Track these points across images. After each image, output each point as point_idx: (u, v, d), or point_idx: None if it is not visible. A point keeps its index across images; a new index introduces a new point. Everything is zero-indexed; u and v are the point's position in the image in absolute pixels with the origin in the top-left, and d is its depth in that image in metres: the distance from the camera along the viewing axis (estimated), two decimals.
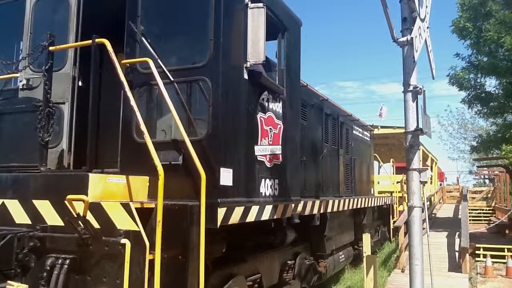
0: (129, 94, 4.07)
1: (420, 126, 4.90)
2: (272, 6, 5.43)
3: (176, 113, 4.19)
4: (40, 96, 4.33)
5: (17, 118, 4.76)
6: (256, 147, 4.97)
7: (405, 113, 5.05)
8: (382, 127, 17.35)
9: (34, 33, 5.07)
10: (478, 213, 24.11)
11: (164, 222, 3.70)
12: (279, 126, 5.58)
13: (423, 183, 4.97)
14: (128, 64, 4.63)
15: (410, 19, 5.17)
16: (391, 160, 19.11)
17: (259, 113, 5.11)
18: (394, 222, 14.53)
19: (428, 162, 25.45)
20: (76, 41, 4.87)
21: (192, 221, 3.99)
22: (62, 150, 4.67)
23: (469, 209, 19.72)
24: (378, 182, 17.53)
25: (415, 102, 5.04)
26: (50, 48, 4.23)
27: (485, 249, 13.72)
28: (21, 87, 4.87)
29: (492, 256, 12.81)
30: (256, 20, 4.85)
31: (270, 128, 5.32)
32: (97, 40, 4.11)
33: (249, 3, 4.90)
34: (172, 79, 4.46)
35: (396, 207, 16.45)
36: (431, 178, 26.01)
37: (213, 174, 4.18)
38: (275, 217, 5.36)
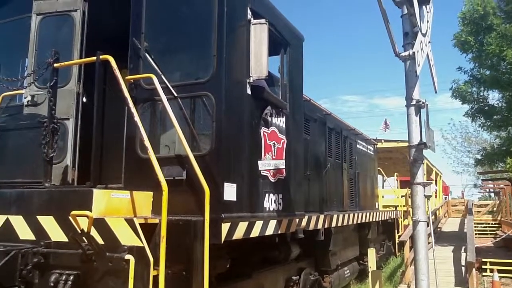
0: (133, 110, 4.09)
1: (424, 140, 4.90)
2: (275, 22, 5.49)
3: (180, 128, 4.21)
4: (44, 112, 4.36)
5: (22, 134, 4.79)
6: (259, 162, 4.97)
7: (408, 127, 5.05)
8: (386, 141, 17.33)
9: (39, 50, 5.12)
10: (484, 227, 23.88)
11: (168, 237, 3.69)
12: (282, 140, 5.58)
13: (428, 197, 4.95)
14: (132, 80, 4.67)
15: (412, 33, 5.20)
16: (395, 174, 19.05)
17: (263, 128, 5.12)
18: (399, 236, 14.41)
19: (433, 176, 25.36)
20: (81, 57, 4.92)
21: (196, 236, 3.98)
22: (66, 165, 4.68)
23: (474, 223, 19.57)
24: (383, 196, 17.44)
25: (418, 116, 5.05)
26: (55, 65, 4.27)
27: (492, 263, 13.55)
28: (26, 103, 4.91)
29: (499, 271, 12.63)
30: (258, 36, 4.90)
31: (274, 143, 5.33)
32: (101, 56, 4.15)
33: (252, 19, 4.95)
34: (175, 94, 4.49)
35: (401, 221, 16.33)
36: (435, 192, 25.86)
37: (217, 189, 4.18)
38: (279, 232, 5.34)
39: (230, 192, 4.35)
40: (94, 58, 4.17)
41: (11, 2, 5.68)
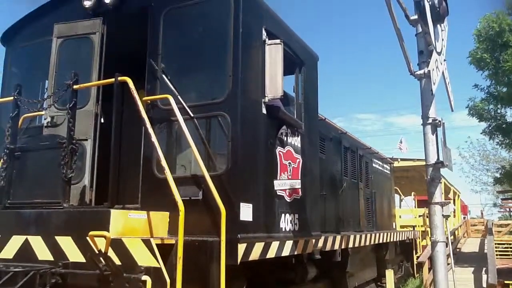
0: (150, 130, 4.14)
1: (441, 159, 4.85)
2: (289, 42, 5.54)
3: (196, 148, 4.24)
4: (63, 133, 4.43)
5: (41, 154, 4.86)
6: (275, 182, 4.96)
7: (425, 146, 5.01)
8: (402, 159, 17.15)
9: (59, 71, 5.23)
10: (505, 247, 23.26)
11: (185, 258, 3.68)
12: (298, 160, 5.57)
13: (446, 217, 4.88)
14: (149, 101, 4.73)
15: (427, 52, 5.19)
16: (412, 193, 18.76)
17: (278, 147, 5.12)
18: (418, 257, 14.13)
19: (451, 195, 24.93)
20: (99, 79, 5.00)
21: (212, 257, 3.96)
22: (84, 186, 4.73)
23: (495, 244, 19.07)
24: (400, 216, 17.20)
25: (434, 134, 5.01)
26: (74, 86, 4.35)
27: None
28: (45, 124, 5.00)
29: None
30: (273, 56, 4.95)
31: (289, 162, 5.32)
32: (119, 78, 4.22)
33: (267, 39, 5.01)
34: (192, 115, 4.53)
35: (419, 242, 16.03)
36: (454, 212, 25.39)
37: (233, 209, 4.17)
38: (295, 253, 5.28)
39: (246, 212, 4.33)
40: (113, 79, 4.24)
41: (32, 26, 5.85)
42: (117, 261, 3.63)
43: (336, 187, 8.16)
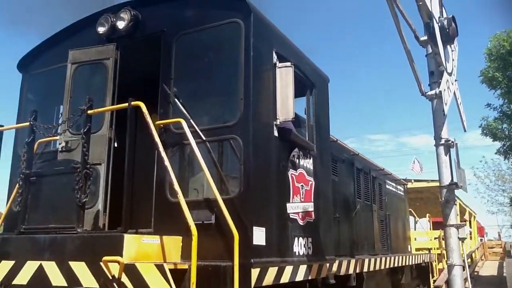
0: (163, 154, 4.16)
1: (455, 180, 4.80)
2: (300, 65, 5.57)
3: (208, 171, 4.24)
4: (77, 158, 4.46)
5: (56, 179, 4.89)
6: (288, 205, 4.92)
7: (438, 167, 4.97)
8: (416, 180, 16.97)
9: (73, 96, 5.30)
10: None
11: (198, 283, 3.64)
12: (310, 182, 5.54)
13: (462, 239, 4.80)
14: (162, 125, 4.76)
15: (438, 72, 5.20)
16: (427, 214, 18.48)
17: (290, 170, 5.10)
18: (434, 281, 13.79)
19: (466, 216, 24.49)
20: (113, 103, 5.06)
21: (226, 282, 3.91)
22: (97, 210, 4.74)
23: None
24: (415, 239, 16.88)
25: (447, 155, 4.97)
26: (89, 111, 4.41)
27: None
28: (60, 149, 5.05)
29: None
30: (284, 78, 4.97)
31: (302, 185, 5.29)
32: (132, 103, 4.26)
33: (277, 62, 5.05)
34: (204, 138, 4.55)
35: (435, 265, 15.70)
36: (470, 234, 24.91)
37: (245, 234, 4.14)
38: (309, 277, 5.20)
39: (259, 236, 4.30)
40: (126, 104, 4.29)
41: (47, 53, 5.98)
42: (131, 287, 3.60)
43: (349, 210, 8.08)
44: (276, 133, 4.90)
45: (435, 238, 17.08)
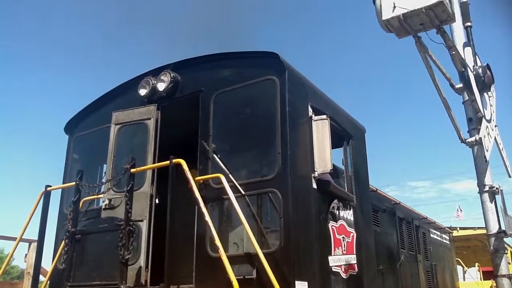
0: (204, 209, 4.22)
1: (503, 227, 4.63)
2: (335, 117, 5.64)
3: (248, 225, 4.25)
4: (121, 215, 4.59)
5: (100, 237, 5.01)
6: (330, 258, 4.84)
7: (484, 215, 4.81)
8: (462, 228, 16.30)
9: (116, 156, 5.52)
10: None
11: None
12: (351, 234, 5.44)
13: None
14: (201, 180, 4.86)
15: (476, 118, 5.14)
16: (476, 264, 17.54)
17: (331, 221, 5.05)
18: None
19: None
20: (154, 161, 5.22)
21: None
22: (140, 267, 4.79)
23: None
24: None
25: (493, 202, 4.82)
26: (132, 170, 4.56)
27: None
28: (104, 207, 5.20)
29: None
30: (321, 131, 5.03)
31: (343, 237, 5.20)
32: (174, 160, 4.40)
33: (313, 115, 5.13)
34: (243, 192, 4.60)
35: None
36: None
37: None
38: None
39: None
40: (168, 162, 4.43)
41: (92, 116, 6.30)
42: None
43: (393, 261, 7.81)
44: (314, 185, 4.90)
45: None
